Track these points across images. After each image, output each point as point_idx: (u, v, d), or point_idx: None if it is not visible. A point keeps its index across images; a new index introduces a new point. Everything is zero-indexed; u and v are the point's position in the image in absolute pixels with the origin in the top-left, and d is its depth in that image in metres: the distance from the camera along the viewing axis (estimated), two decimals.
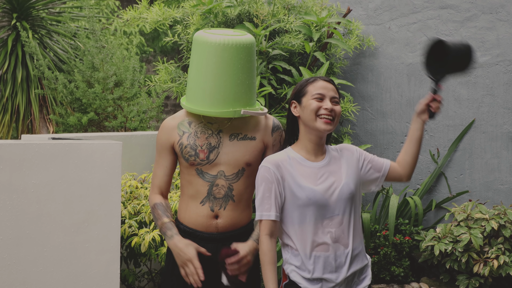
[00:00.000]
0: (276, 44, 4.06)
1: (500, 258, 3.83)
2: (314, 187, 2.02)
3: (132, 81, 5.76)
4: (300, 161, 2.06)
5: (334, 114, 2.04)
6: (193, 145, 2.12)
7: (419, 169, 4.81)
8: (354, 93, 4.98)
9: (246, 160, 2.15)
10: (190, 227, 2.17)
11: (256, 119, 2.22)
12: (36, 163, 2.90)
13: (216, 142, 2.13)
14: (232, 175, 2.14)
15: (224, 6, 4.01)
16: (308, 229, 2.02)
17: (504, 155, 4.52)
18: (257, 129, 2.19)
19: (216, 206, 2.13)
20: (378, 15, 4.94)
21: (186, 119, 2.18)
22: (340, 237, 2.05)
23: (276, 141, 2.23)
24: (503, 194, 4.52)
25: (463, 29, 4.64)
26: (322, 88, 2.05)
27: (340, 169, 2.11)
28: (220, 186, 2.13)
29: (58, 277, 2.90)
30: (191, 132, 2.15)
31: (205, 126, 2.15)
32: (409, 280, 4.34)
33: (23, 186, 2.87)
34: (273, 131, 2.22)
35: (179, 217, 2.23)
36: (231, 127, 2.16)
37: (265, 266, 1.99)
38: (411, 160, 2.18)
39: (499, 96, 4.53)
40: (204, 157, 2.11)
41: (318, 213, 2.02)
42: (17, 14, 6.06)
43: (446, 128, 4.72)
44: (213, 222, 2.14)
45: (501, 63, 4.52)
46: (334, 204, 2.04)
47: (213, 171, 2.12)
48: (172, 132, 2.17)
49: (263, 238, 2.00)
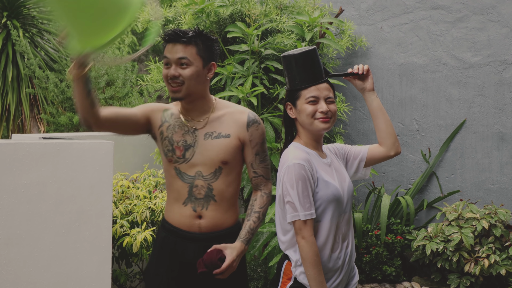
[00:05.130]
0: (269, 44, 4.06)
1: (491, 257, 3.85)
2: (334, 183, 2.01)
3: (124, 80, 5.73)
4: (316, 157, 2.05)
5: (330, 114, 2.02)
6: (171, 139, 2.12)
7: (410, 169, 4.83)
8: (346, 93, 4.99)
9: (221, 158, 2.11)
10: (174, 225, 2.16)
11: (230, 115, 2.17)
12: (26, 162, 2.88)
13: (191, 141, 2.12)
14: (209, 175, 2.11)
15: (216, 5, 4.00)
16: (326, 227, 1.99)
17: (495, 155, 4.54)
18: (232, 125, 2.15)
19: (198, 207, 2.11)
20: (370, 16, 4.95)
21: (171, 110, 2.18)
22: (346, 234, 2.07)
23: (254, 136, 2.17)
24: (493, 193, 4.55)
25: (454, 30, 4.66)
26: (315, 90, 2.02)
27: (340, 167, 2.13)
28: (199, 187, 2.10)
29: (49, 277, 2.88)
30: (171, 123, 2.14)
31: (182, 122, 2.14)
32: (400, 280, 4.35)
33: (14, 186, 2.85)
34: (248, 126, 2.16)
35: (166, 216, 2.22)
36: (206, 126, 2.14)
37: (315, 268, 1.91)
38: (385, 132, 2.14)
39: (490, 96, 4.56)
40: (181, 155, 2.11)
41: (336, 211, 2.01)
42: (8, 12, 6.02)
43: (437, 128, 4.74)
44: (196, 222, 2.12)
45: (492, 63, 4.54)
46: (346, 201, 2.05)
47: (191, 172, 2.11)
48: (157, 111, 2.17)
49: (309, 238, 1.91)
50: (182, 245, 2.13)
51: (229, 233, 2.17)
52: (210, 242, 2.10)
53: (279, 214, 2.08)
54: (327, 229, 1.99)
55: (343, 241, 2.05)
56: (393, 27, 4.87)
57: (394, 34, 4.87)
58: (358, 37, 4.91)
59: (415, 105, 4.80)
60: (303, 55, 2.04)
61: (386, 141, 2.14)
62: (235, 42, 4.30)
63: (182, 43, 2.04)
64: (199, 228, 2.12)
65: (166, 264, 2.16)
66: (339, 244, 2.03)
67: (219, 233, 2.14)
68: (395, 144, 2.14)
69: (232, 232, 2.17)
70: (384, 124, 2.14)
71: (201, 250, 2.09)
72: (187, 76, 2.04)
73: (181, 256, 2.13)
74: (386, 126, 2.14)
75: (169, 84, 2.07)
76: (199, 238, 2.12)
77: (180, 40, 2.04)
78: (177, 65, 2.04)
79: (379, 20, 4.92)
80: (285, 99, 2.12)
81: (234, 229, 2.18)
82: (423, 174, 4.73)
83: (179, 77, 2.04)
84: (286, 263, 2.08)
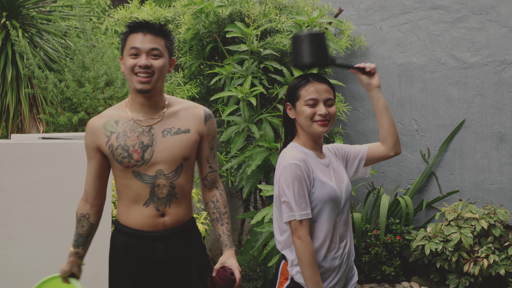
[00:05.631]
0: (268, 44, 4.06)
1: (490, 257, 3.85)
2: (331, 183, 2.01)
3: (123, 80, 5.73)
4: (314, 157, 2.04)
5: (329, 117, 2.01)
6: (124, 145, 2.00)
7: (410, 169, 4.83)
8: (346, 93, 4.99)
9: (183, 154, 2.05)
10: (136, 228, 2.07)
11: (186, 111, 2.11)
12: (26, 162, 2.88)
13: (149, 140, 2.01)
14: (171, 173, 2.04)
15: (216, 5, 4.00)
16: (323, 228, 1.99)
17: (494, 155, 4.55)
18: (190, 120, 2.09)
19: (161, 206, 2.06)
20: (369, 16, 4.95)
21: (113, 118, 2.05)
22: (344, 235, 2.07)
23: (211, 130, 2.14)
24: (493, 193, 4.55)
25: (454, 30, 4.66)
26: (314, 92, 1.99)
27: (339, 167, 2.12)
28: (161, 186, 2.03)
29: None
30: (119, 131, 2.02)
31: (134, 124, 2.03)
32: (400, 280, 4.35)
33: (13, 186, 2.85)
34: (205, 120, 2.12)
35: (121, 221, 2.12)
36: (162, 123, 2.05)
37: (311, 268, 1.92)
38: (388, 131, 2.12)
39: (489, 97, 4.56)
40: (139, 157, 2.00)
41: (333, 211, 2.00)
42: (7, 12, 6.02)
43: (436, 128, 4.74)
44: (160, 221, 2.07)
45: (491, 63, 4.55)
46: (343, 202, 2.05)
47: (151, 172, 2.02)
48: (97, 133, 2.04)
49: (305, 238, 1.92)
50: (149, 246, 2.07)
51: (190, 226, 2.16)
52: (176, 237, 2.09)
53: (276, 214, 2.08)
54: (323, 229, 1.99)
55: (341, 241, 2.05)
56: (392, 27, 4.87)
57: (393, 34, 4.87)
58: (357, 37, 4.91)
59: (414, 105, 4.80)
60: (311, 36, 2.02)
61: (388, 140, 2.14)
62: (234, 42, 4.30)
63: (153, 34, 1.98)
64: (163, 226, 2.08)
65: (134, 267, 2.09)
66: (337, 244, 2.03)
67: (182, 226, 2.12)
68: (396, 144, 2.14)
69: (192, 224, 2.17)
70: (388, 123, 2.12)
71: (169, 246, 2.08)
72: (158, 67, 1.98)
73: (150, 256, 2.08)
74: (390, 126, 2.13)
75: (136, 75, 1.97)
76: (165, 236, 2.08)
77: (152, 31, 1.98)
78: (148, 56, 1.97)
79: (378, 20, 4.93)
80: (284, 99, 2.11)
81: (192, 221, 2.18)
82: (422, 174, 4.73)
83: (151, 67, 1.97)
84: (283, 263, 2.09)
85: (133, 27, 1.99)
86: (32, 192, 2.86)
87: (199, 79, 4.51)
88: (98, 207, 2.17)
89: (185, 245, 2.12)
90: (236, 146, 3.76)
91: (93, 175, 2.12)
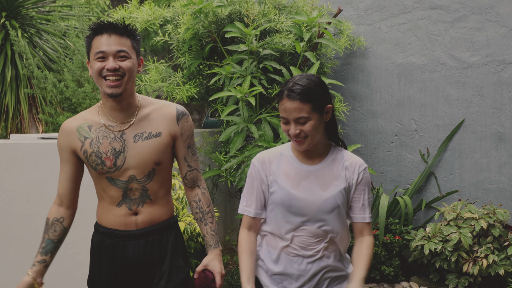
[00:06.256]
0: (267, 44, 4.06)
1: (489, 257, 3.85)
2: (291, 190, 1.97)
3: None
4: (290, 160, 2.02)
5: (304, 134, 1.89)
6: (98, 152, 1.99)
7: (409, 169, 4.84)
8: (345, 93, 4.99)
9: (155, 159, 2.02)
10: (109, 227, 2.07)
11: (158, 112, 2.06)
12: (25, 162, 2.88)
13: (120, 146, 1.99)
14: (143, 178, 2.03)
15: (215, 5, 4.00)
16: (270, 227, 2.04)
17: (493, 154, 4.55)
18: (161, 122, 2.04)
19: (134, 205, 2.05)
20: (368, 15, 4.96)
21: (86, 122, 2.03)
22: (313, 247, 1.99)
23: (185, 129, 2.09)
24: (492, 193, 4.55)
25: (453, 30, 4.66)
26: (284, 111, 1.89)
27: (329, 182, 1.98)
28: (134, 189, 2.03)
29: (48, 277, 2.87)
30: (92, 138, 2.00)
31: (106, 130, 2.00)
32: (399, 280, 4.35)
33: (12, 186, 2.85)
34: (178, 119, 2.07)
35: (98, 221, 2.13)
36: (133, 127, 2.02)
37: (240, 255, 2.01)
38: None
39: (488, 96, 4.56)
40: (111, 164, 1.99)
41: (287, 216, 1.98)
42: (6, 13, 6.02)
43: (436, 128, 4.74)
44: (132, 219, 2.05)
45: (490, 63, 4.55)
46: (311, 214, 1.96)
47: (123, 177, 2.01)
48: (71, 136, 2.02)
49: (241, 230, 2.04)
50: (120, 245, 2.07)
51: (167, 226, 2.12)
52: (149, 236, 2.07)
53: None
54: (272, 229, 2.04)
55: (305, 250, 1.99)
56: (391, 27, 4.88)
57: (392, 34, 4.87)
58: (356, 37, 4.91)
59: (414, 105, 4.80)
60: None
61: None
62: (234, 42, 4.30)
63: (118, 34, 1.94)
64: (136, 225, 2.07)
65: (108, 267, 2.10)
66: (297, 251, 2.00)
67: (156, 226, 2.09)
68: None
69: (170, 225, 2.14)
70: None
71: (141, 246, 2.07)
72: (127, 68, 1.93)
73: (122, 255, 2.07)
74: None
75: (104, 79, 1.92)
76: (137, 235, 2.07)
77: (117, 31, 1.94)
78: (115, 58, 1.92)
79: (377, 20, 4.93)
80: None
81: (171, 222, 2.15)
82: (422, 174, 4.74)
83: (119, 69, 1.91)
84: None
85: (97, 29, 1.94)
86: (31, 192, 2.86)
87: (198, 79, 4.51)
88: (73, 210, 2.16)
89: (159, 245, 2.10)
90: (235, 146, 3.76)
91: (68, 177, 2.09)
